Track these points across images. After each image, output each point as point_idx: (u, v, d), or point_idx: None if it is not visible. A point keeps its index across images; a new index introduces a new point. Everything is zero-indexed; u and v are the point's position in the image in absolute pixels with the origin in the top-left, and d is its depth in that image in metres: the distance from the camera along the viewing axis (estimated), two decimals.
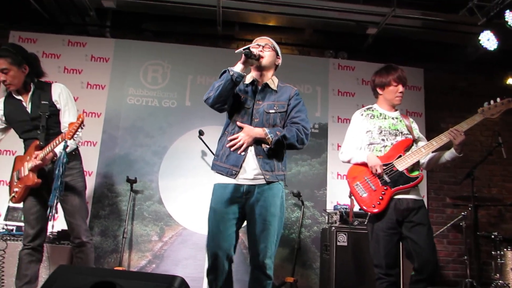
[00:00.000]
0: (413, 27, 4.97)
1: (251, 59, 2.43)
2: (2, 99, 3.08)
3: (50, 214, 2.72)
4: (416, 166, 2.79)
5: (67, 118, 3.01)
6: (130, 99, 4.88)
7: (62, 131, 2.98)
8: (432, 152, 2.80)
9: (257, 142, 2.45)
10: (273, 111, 2.51)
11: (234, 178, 2.42)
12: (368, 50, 5.34)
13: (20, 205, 3.03)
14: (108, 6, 4.79)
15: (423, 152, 2.75)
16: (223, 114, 2.64)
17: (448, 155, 2.82)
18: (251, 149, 2.46)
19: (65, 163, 2.71)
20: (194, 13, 5.02)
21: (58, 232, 3.76)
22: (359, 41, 5.32)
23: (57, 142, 2.75)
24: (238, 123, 2.50)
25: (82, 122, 2.66)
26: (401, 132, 2.84)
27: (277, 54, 2.65)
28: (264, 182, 2.42)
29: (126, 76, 4.95)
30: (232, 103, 2.55)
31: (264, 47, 2.58)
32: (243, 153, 2.44)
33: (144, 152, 4.77)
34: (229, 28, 5.27)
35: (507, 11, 4.16)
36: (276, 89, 2.59)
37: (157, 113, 4.88)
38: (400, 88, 2.86)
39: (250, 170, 2.43)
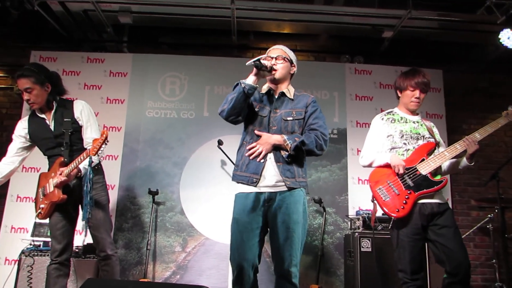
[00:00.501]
0: (430, 28, 4.92)
1: (262, 71, 2.43)
2: (26, 118, 3.15)
3: (84, 230, 2.84)
4: (439, 170, 2.75)
5: (89, 134, 3.06)
6: (149, 112, 4.95)
7: (85, 147, 3.04)
8: (453, 157, 2.75)
9: (276, 149, 2.45)
10: (291, 118, 2.51)
11: (255, 186, 2.42)
12: (384, 54, 5.29)
13: (46, 221, 3.09)
14: (124, 22, 4.87)
15: (446, 155, 2.70)
16: (242, 123, 2.65)
17: (461, 164, 2.78)
18: (271, 156, 2.45)
19: (91, 179, 2.78)
20: (209, 25, 5.08)
21: (84, 246, 3.80)
22: (375, 45, 5.28)
23: (82, 158, 2.80)
24: (256, 131, 2.50)
25: (106, 138, 2.71)
26: (423, 136, 2.80)
27: (292, 63, 2.64)
28: (286, 188, 2.41)
29: (145, 89, 5.02)
30: (248, 113, 2.55)
31: (276, 59, 2.57)
32: (262, 161, 2.44)
33: (165, 164, 4.81)
34: (243, 37, 5.31)
35: None
36: (292, 97, 2.59)
37: (176, 124, 4.93)
38: (417, 93, 2.81)
39: (271, 177, 2.42)
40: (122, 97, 4.97)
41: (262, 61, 2.41)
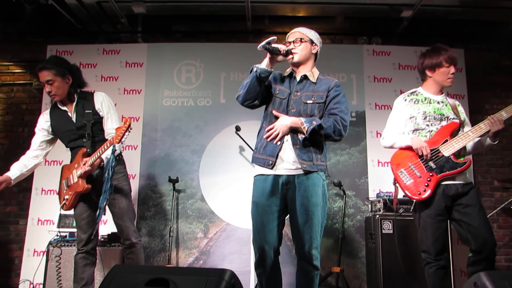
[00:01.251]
0: (450, 6, 4.75)
1: (276, 54, 2.42)
2: (48, 111, 3.20)
3: (99, 216, 2.85)
4: (463, 151, 2.70)
5: (110, 125, 3.10)
6: (166, 101, 4.96)
7: (106, 137, 3.08)
8: (478, 137, 2.69)
9: (294, 131, 2.44)
10: (311, 101, 2.49)
11: (272, 169, 2.42)
12: (403, 34, 5.14)
13: (71, 212, 3.15)
14: (138, 12, 4.84)
15: (470, 136, 2.65)
16: (259, 109, 2.64)
17: (485, 144, 2.73)
18: (288, 139, 2.45)
19: (114, 166, 2.81)
20: (222, 11, 5.03)
21: (108, 235, 3.87)
22: (393, 25, 5.14)
23: (105, 147, 2.83)
24: (274, 112, 2.50)
25: (130, 125, 2.74)
26: (447, 117, 2.73)
27: (312, 42, 2.61)
28: (302, 172, 2.41)
29: (161, 78, 5.02)
30: (268, 96, 2.55)
31: (294, 43, 2.55)
32: (279, 143, 2.44)
33: (184, 152, 4.84)
34: (258, 22, 5.24)
35: None
36: (315, 81, 2.56)
37: (193, 112, 4.94)
38: (452, 69, 2.74)
39: (288, 160, 2.42)
40: (139, 87, 4.98)
41: (273, 44, 2.39)
